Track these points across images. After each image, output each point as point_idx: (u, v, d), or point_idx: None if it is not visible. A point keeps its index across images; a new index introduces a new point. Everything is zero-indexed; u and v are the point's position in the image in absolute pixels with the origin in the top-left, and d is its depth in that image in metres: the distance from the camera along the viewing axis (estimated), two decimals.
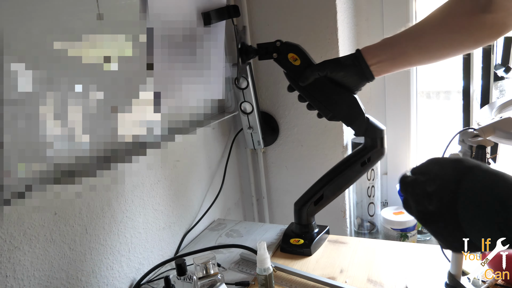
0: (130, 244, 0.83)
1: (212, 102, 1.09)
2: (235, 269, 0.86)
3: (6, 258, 0.60)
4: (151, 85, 0.82)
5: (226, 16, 0.96)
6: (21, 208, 0.61)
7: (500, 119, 0.62)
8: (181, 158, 0.98)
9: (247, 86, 1.07)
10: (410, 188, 0.50)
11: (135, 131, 0.81)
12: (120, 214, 0.81)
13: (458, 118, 1.10)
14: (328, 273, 0.81)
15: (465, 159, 0.47)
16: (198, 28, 0.91)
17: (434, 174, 0.48)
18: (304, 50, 0.83)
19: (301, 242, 0.90)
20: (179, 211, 0.99)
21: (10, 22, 0.57)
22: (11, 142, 0.58)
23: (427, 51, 0.75)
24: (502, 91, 1.08)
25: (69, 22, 0.66)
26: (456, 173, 0.45)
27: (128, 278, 0.84)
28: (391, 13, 1.14)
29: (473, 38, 0.71)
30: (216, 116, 1.12)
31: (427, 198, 0.47)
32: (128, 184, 0.82)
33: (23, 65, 0.59)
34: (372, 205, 1.17)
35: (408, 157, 1.23)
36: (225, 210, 1.19)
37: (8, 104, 0.57)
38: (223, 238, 1.00)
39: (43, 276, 0.66)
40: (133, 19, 0.77)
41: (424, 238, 1.16)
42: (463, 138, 0.64)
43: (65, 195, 0.68)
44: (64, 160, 0.67)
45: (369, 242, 0.92)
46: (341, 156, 1.14)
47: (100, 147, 0.73)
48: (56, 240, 0.67)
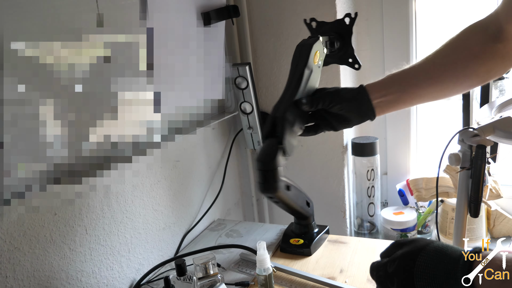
0: (130, 244, 0.83)
1: (212, 102, 1.09)
2: (235, 269, 0.86)
3: (6, 259, 0.60)
4: (151, 85, 0.82)
5: (226, 16, 0.96)
6: (21, 208, 0.61)
7: (499, 118, 0.62)
8: (181, 158, 0.98)
9: (247, 87, 1.07)
10: (375, 271, 0.55)
11: (135, 131, 0.81)
12: (120, 214, 0.81)
13: (457, 117, 1.10)
14: (328, 273, 0.81)
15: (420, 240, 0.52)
16: (198, 28, 0.91)
17: (394, 256, 0.53)
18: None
19: (301, 242, 0.90)
20: (179, 212, 0.99)
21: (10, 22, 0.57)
22: (11, 142, 0.58)
23: (440, 82, 0.70)
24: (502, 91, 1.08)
25: (69, 22, 0.66)
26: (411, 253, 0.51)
27: (128, 278, 0.84)
28: (391, 13, 1.14)
29: (485, 67, 0.69)
30: (216, 116, 1.12)
31: (389, 278, 0.52)
32: (128, 184, 0.82)
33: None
34: (372, 205, 1.17)
35: (408, 157, 1.23)
36: (225, 210, 1.19)
37: (8, 104, 0.57)
38: (223, 238, 1.00)
39: (43, 277, 0.66)
40: (133, 19, 0.77)
41: None
42: (462, 138, 0.64)
43: (65, 195, 0.68)
44: (64, 160, 0.66)
45: (369, 242, 0.92)
46: (341, 156, 1.14)
47: (100, 147, 0.73)
48: (56, 240, 0.67)
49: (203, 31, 0.93)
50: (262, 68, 1.17)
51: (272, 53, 1.14)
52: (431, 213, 1.14)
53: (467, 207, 0.65)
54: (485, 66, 0.69)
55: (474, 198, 0.63)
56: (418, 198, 1.12)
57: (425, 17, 1.14)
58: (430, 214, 1.14)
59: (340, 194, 1.17)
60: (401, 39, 1.13)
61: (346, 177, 1.17)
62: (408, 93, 0.71)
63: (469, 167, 0.63)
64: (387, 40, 1.15)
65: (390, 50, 1.16)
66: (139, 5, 0.77)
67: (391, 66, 0.76)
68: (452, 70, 0.70)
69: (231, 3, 1.05)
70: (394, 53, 1.15)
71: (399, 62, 0.77)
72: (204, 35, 0.93)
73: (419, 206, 1.16)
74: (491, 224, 1.09)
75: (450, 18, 1.11)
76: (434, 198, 1.11)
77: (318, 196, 1.18)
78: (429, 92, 0.72)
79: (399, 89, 0.71)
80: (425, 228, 1.16)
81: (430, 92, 0.72)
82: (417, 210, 1.16)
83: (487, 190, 0.99)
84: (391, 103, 0.72)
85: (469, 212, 0.65)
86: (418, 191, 1.12)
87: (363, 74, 1.19)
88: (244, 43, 1.13)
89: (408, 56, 1.14)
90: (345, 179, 1.16)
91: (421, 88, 0.71)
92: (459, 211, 0.66)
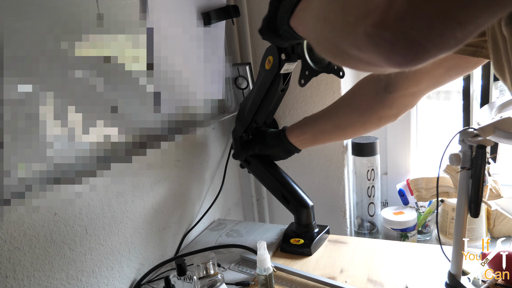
0: (130, 244, 0.83)
1: (212, 102, 1.09)
2: (235, 269, 0.86)
3: (6, 259, 0.60)
4: (151, 85, 0.82)
5: (226, 16, 0.96)
6: (21, 208, 0.61)
7: (500, 118, 0.62)
8: (181, 158, 0.98)
9: (247, 86, 1.07)
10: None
11: (135, 131, 0.81)
12: (120, 214, 0.81)
13: (458, 118, 1.10)
14: (328, 273, 0.81)
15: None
16: (198, 28, 0.91)
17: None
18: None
19: (301, 242, 0.90)
20: (179, 211, 0.99)
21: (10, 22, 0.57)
22: (11, 142, 0.58)
23: (342, 128, 0.84)
24: (502, 91, 1.08)
25: (69, 22, 0.66)
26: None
27: (128, 278, 0.84)
28: None
29: (376, 115, 0.79)
30: (216, 116, 1.12)
31: None
32: (128, 184, 0.82)
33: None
34: (372, 205, 1.17)
35: (408, 157, 1.23)
36: (225, 210, 1.19)
37: (8, 104, 0.57)
38: (223, 238, 1.00)
39: (43, 277, 0.66)
40: (133, 19, 0.77)
41: (424, 238, 1.16)
42: (463, 138, 0.63)
43: (65, 195, 0.68)
44: (64, 160, 0.67)
45: (369, 242, 0.92)
46: (341, 156, 1.14)
47: (100, 147, 0.73)
48: (56, 240, 0.67)
49: (203, 31, 0.93)
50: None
51: None
52: (431, 213, 1.14)
53: (467, 207, 0.65)
54: (377, 114, 0.79)
55: (474, 198, 0.63)
56: (418, 198, 1.12)
57: None
58: (430, 214, 1.14)
59: (340, 194, 1.17)
60: None
61: (346, 177, 1.17)
62: (318, 135, 0.87)
63: (469, 167, 0.63)
64: None
65: None
66: (139, 5, 0.77)
67: None
68: (350, 118, 0.82)
69: (231, 3, 1.05)
70: None
71: None
72: (204, 35, 0.93)
73: (419, 206, 1.16)
74: (491, 224, 1.09)
75: None
76: (434, 198, 1.11)
77: (318, 196, 1.18)
78: (334, 135, 0.88)
79: (312, 132, 0.87)
80: (425, 228, 1.16)
81: (335, 135, 0.88)
82: (417, 210, 1.16)
83: (487, 190, 0.99)
84: (308, 142, 0.89)
85: (469, 212, 0.65)
86: (418, 191, 1.12)
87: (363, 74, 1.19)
88: (244, 43, 1.13)
89: None
90: (345, 179, 1.16)
91: (327, 132, 0.86)
92: (459, 211, 0.66)
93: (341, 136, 0.89)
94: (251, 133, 0.95)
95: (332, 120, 0.85)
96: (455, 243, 0.67)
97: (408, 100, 0.77)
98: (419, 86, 0.74)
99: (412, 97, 0.76)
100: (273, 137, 0.92)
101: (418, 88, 0.74)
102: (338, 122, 0.85)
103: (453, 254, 0.68)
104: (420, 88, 0.74)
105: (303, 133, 0.88)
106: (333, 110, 0.86)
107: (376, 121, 0.80)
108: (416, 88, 0.74)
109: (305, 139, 0.89)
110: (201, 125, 1.03)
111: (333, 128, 0.86)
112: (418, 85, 0.73)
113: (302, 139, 0.89)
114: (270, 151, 0.93)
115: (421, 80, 0.72)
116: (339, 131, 0.86)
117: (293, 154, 0.93)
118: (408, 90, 0.74)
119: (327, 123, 0.86)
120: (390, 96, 0.76)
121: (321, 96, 1.12)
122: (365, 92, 0.81)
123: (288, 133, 0.90)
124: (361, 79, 0.82)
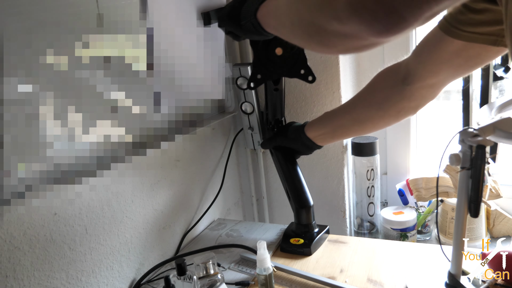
0: (130, 244, 0.83)
1: (212, 102, 1.09)
2: (235, 269, 0.86)
3: (6, 258, 0.60)
4: (151, 85, 0.82)
5: None
6: (21, 208, 0.61)
7: (499, 118, 0.62)
8: (181, 158, 0.98)
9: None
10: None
11: (135, 131, 0.81)
12: (120, 214, 0.81)
13: (457, 118, 1.10)
14: (328, 273, 0.81)
15: None
16: (198, 28, 0.91)
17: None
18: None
19: (301, 242, 0.90)
20: (179, 211, 0.99)
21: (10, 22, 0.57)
22: (11, 142, 0.58)
23: (360, 122, 0.83)
24: (502, 91, 1.08)
25: (69, 22, 0.66)
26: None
27: (128, 278, 0.84)
28: None
29: (395, 108, 0.78)
30: (216, 116, 1.12)
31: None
32: (128, 184, 0.82)
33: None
34: (372, 205, 1.17)
35: (408, 157, 1.23)
36: (225, 210, 1.19)
37: (8, 104, 0.57)
38: (223, 238, 1.00)
39: (43, 276, 0.66)
40: (133, 19, 0.77)
41: (424, 238, 1.16)
42: (463, 138, 0.64)
43: (65, 195, 0.68)
44: (64, 160, 0.67)
45: (369, 242, 0.92)
46: (341, 156, 1.14)
47: (100, 147, 0.73)
48: (56, 240, 0.67)
49: (203, 31, 0.93)
50: None
51: None
52: (431, 213, 1.14)
53: (467, 207, 0.65)
54: (395, 107, 0.78)
55: (474, 198, 0.63)
56: (418, 198, 1.12)
57: None
58: (430, 214, 1.14)
59: (340, 194, 1.17)
60: (401, 38, 1.13)
61: (346, 177, 1.17)
62: (337, 130, 0.86)
63: (469, 167, 0.63)
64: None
65: (390, 50, 1.16)
66: (139, 5, 0.77)
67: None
68: (368, 112, 0.81)
69: None
70: (394, 53, 1.15)
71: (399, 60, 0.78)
72: (204, 35, 0.93)
73: (419, 206, 1.17)
74: (491, 224, 1.09)
75: None
76: (434, 198, 1.11)
77: (318, 196, 1.18)
78: (353, 130, 0.86)
79: (331, 128, 0.86)
80: (425, 227, 1.16)
81: (354, 130, 0.86)
82: (417, 210, 1.16)
83: (487, 190, 0.99)
84: (327, 137, 0.88)
85: (469, 212, 0.65)
86: (418, 191, 1.12)
87: (364, 74, 1.19)
88: (244, 43, 1.13)
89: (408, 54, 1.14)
90: (345, 179, 1.16)
91: (345, 127, 0.85)
92: (459, 211, 0.66)
93: (360, 130, 0.86)
94: (276, 126, 0.97)
95: (350, 114, 0.84)
96: (455, 243, 0.67)
97: (427, 92, 0.75)
98: (437, 77, 0.72)
99: (431, 89, 0.75)
100: (293, 131, 0.91)
101: (437, 79, 0.73)
102: (356, 116, 0.83)
103: (453, 254, 0.68)
104: (439, 78, 0.73)
105: (322, 127, 0.87)
106: (351, 105, 0.84)
107: (395, 114, 0.79)
108: (435, 79, 0.73)
109: (324, 134, 0.87)
110: (201, 125, 1.03)
111: (352, 123, 0.84)
112: (437, 76, 0.72)
113: (321, 133, 0.87)
114: (291, 144, 0.93)
115: (439, 71, 0.71)
116: (358, 126, 0.84)
117: (313, 149, 0.92)
118: (427, 81, 0.73)
119: (345, 117, 0.85)
120: (408, 88, 0.75)
121: (321, 96, 1.12)
122: (382, 85, 0.80)
123: (307, 128, 0.89)
124: (378, 73, 0.81)
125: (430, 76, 0.72)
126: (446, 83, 0.74)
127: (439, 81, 0.74)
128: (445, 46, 0.65)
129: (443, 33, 0.64)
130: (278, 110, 0.95)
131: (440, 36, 0.65)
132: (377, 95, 0.80)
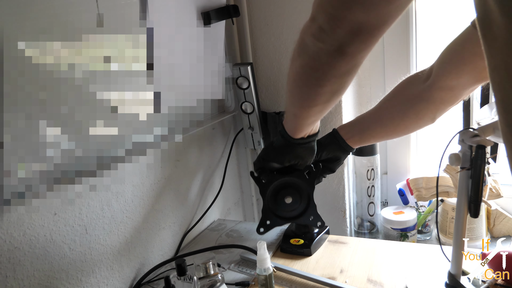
0: (130, 244, 0.83)
1: (212, 102, 1.09)
2: (235, 269, 0.86)
3: (6, 258, 0.60)
4: (151, 85, 0.82)
5: (226, 16, 0.96)
6: (21, 208, 0.61)
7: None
8: (181, 158, 0.98)
9: (249, 87, 1.07)
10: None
11: (135, 131, 0.81)
12: (120, 214, 0.81)
13: (458, 118, 1.10)
14: (328, 273, 0.81)
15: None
16: (198, 28, 0.91)
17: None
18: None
19: (301, 242, 0.90)
20: (179, 211, 0.99)
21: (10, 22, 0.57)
22: (11, 142, 0.58)
23: (383, 124, 0.84)
24: None
25: (69, 22, 0.66)
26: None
27: (128, 278, 0.84)
28: None
29: (413, 111, 0.78)
30: (216, 116, 1.12)
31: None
32: (128, 184, 0.82)
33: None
34: (372, 205, 1.17)
35: (408, 157, 1.23)
36: (225, 210, 1.19)
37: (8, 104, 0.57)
38: (223, 238, 1.00)
39: (43, 276, 0.66)
40: (133, 19, 0.77)
41: (424, 237, 1.16)
42: (463, 138, 0.64)
43: (65, 195, 0.68)
44: (64, 160, 0.66)
45: (369, 242, 0.92)
46: None
47: (100, 147, 0.73)
48: (56, 240, 0.67)
49: (203, 31, 0.93)
50: (262, 68, 1.17)
51: (272, 53, 1.13)
52: (431, 213, 1.14)
53: (467, 207, 0.65)
54: (414, 108, 0.78)
55: (474, 198, 0.63)
56: (418, 198, 1.12)
57: (425, 16, 1.14)
58: (430, 214, 1.14)
59: (340, 193, 1.17)
60: (401, 38, 1.13)
61: (346, 177, 1.17)
62: (366, 134, 0.86)
63: (469, 167, 0.63)
64: (387, 39, 1.15)
65: (390, 49, 1.16)
66: (139, 5, 0.77)
67: (391, 65, 0.79)
68: (390, 113, 0.82)
69: (231, 3, 1.05)
70: (395, 52, 1.15)
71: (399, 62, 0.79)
72: (204, 35, 0.93)
73: (419, 205, 1.16)
74: (491, 224, 1.09)
75: (450, 18, 1.11)
76: (434, 197, 1.11)
77: (318, 196, 1.18)
78: (379, 133, 0.86)
79: (360, 131, 0.86)
80: (425, 227, 1.16)
81: (380, 133, 0.86)
82: (417, 209, 1.16)
83: (487, 189, 0.99)
84: (358, 141, 0.87)
85: (469, 212, 0.65)
86: (418, 190, 1.12)
87: (364, 75, 1.19)
88: (244, 43, 1.13)
89: (408, 55, 1.14)
90: (345, 179, 1.16)
91: (374, 130, 0.86)
92: (459, 211, 0.66)
93: (386, 136, 0.87)
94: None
95: (375, 115, 0.85)
96: (455, 243, 0.67)
97: (446, 95, 0.74)
98: (459, 79, 0.71)
99: (451, 92, 0.73)
100: (326, 136, 0.89)
101: (457, 81, 0.71)
102: (378, 117, 0.84)
103: (453, 254, 0.68)
104: (460, 81, 0.71)
105: (352, 132, 0.87)
106: (377, 109, 0.85)
107: (414, 116, 0.78)
108: (455, 81, 0.71)
109: (355, 138, 0.87)
110: (201, 125, 1.03)
111: (377, 125, 0.85)
112: (458, 78, 0.71)
113: (352, 137, 0.87)
114: (326, 150, 0.89)
115: (462, 73, 0.70)
116: (381, 127, 0.84)
117: (348, 152, 0.89)
118: (447, 83, 0.72)
119: (372, 120, 0.85)
120: (427, 87, 0.74)
121: None
122: (404, 86, 0.80)
123: (339, 129, 0.88)
124: (406, 78, 0.82)
125: (451, 77, 0.71)
126: (466, 89, 0.72)
127: (460, 84, 0.72)
128: (471, 47, 0.65)
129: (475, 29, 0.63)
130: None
131: (468, 35, 0.65)
132: (400, 95, 0.80)
